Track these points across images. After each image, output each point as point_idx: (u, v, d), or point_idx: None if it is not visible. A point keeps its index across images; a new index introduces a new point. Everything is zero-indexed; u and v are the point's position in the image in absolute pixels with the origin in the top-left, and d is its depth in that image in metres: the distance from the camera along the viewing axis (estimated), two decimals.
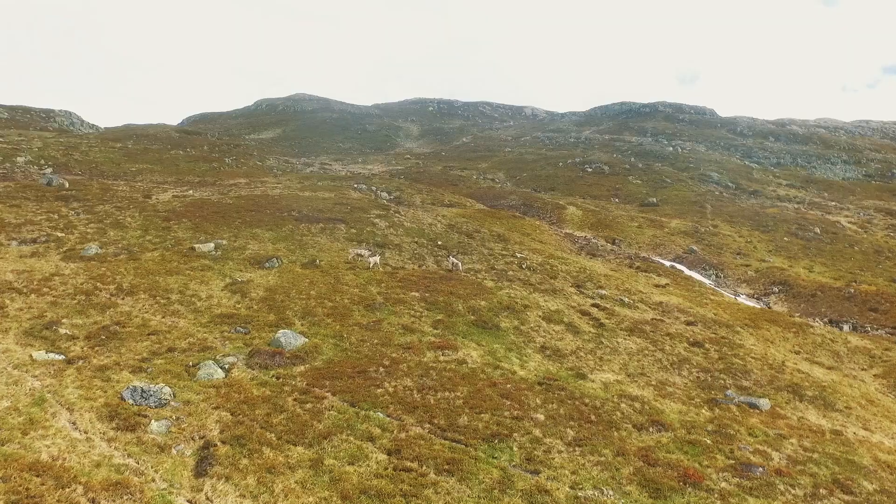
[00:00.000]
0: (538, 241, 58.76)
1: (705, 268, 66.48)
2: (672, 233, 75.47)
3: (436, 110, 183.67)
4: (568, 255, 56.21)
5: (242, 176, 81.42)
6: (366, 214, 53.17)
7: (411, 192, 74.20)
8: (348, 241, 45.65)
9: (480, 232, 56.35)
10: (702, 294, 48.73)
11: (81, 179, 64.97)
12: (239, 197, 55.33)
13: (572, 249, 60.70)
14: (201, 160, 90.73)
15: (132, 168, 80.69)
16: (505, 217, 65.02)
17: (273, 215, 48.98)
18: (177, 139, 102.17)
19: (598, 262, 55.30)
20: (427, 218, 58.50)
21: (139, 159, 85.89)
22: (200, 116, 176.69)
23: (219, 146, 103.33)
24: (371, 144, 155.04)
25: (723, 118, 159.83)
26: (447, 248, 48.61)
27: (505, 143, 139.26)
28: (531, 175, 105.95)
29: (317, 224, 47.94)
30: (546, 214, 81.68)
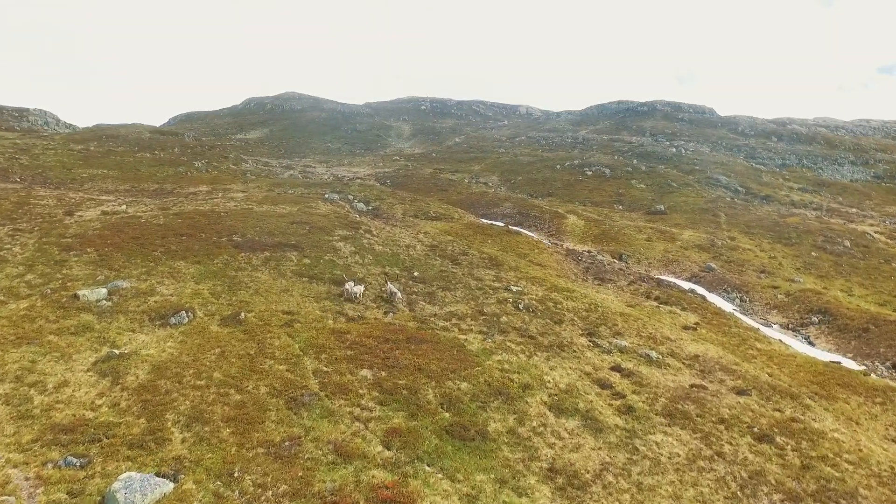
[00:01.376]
0: (537, 265, 47.56)
1: (727, 290, 55.33)
2: (685, 246, 64.28)
3: (428, 109, 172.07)
4: (573, 283, 44.98)
5: (207, 182, 69.99)
6: (328, 237, 41.87)
7: (392, 202, 62.86)
8: (297, 276, 34.35)
9: (468, 254, 45.11)
10: (741, 338, 37.50)
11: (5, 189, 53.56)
12: (179, 214, 44.00)
13: (577, 273, 49.48)
14: (167, 164, 79.27)
15: (84, 174, 69.29)
16: (498, 233, 53.75)
17: (209, 240, 37.69)
18: (147, 141, 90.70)
19: (608, 292, 44.07)
20: (405, 237, 47.23)
21: (96, 163, 74.49)
22: (187, 116, 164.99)
23: (192, 148, 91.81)
24: (361, 144, 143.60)
25: (723, 117, 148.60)
26: (425, 282, 37.38)
27: (499, 143, 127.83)
28: (527, 179, 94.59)
29: (261, 252, 36.65)
30: (544, 225, 70.43)
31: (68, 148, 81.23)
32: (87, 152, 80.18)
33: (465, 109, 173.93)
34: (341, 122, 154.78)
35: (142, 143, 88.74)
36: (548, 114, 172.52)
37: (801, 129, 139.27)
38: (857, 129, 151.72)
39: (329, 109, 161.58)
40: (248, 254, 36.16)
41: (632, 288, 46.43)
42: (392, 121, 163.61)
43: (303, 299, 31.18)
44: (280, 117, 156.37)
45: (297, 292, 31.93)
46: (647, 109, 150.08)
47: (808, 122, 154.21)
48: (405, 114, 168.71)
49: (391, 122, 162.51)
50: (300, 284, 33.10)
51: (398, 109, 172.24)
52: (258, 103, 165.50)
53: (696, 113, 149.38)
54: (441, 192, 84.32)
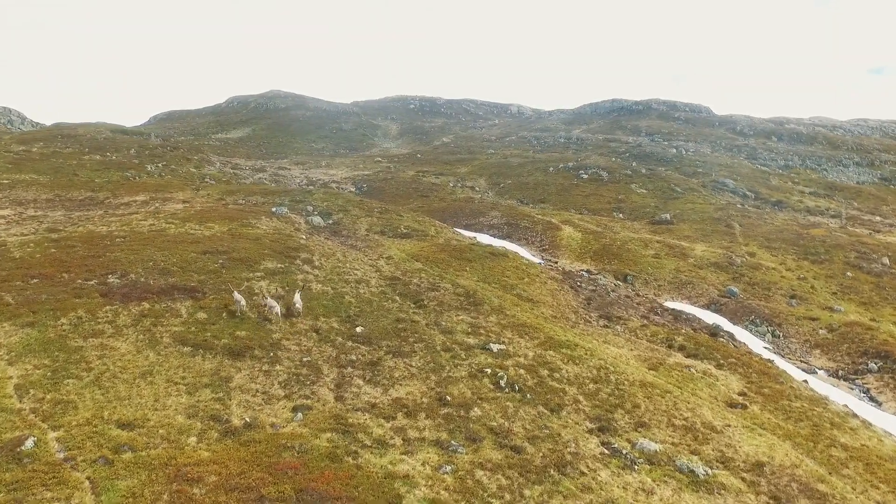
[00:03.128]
0: (527, 300, 35.76)
1: (755, 321, 43.73)
2: (699, 264, 52.60)
3: (417, 108, 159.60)
4: (573, 328, 33.16)
5: (151, 190, 57.98)
6: (248, 272, 30.06)
7: (358, 215, 50.92)
8: (178, 343, 22.54)
9: (439, 289, 33.33)
10: (813, 423, 25.54)
11: None
12: (60, 240, 32.11)
13: (577, 308, 37.66)
14: (115, 167, 67.32)
15: (6, 180, 57.32)
16: (479, 256, 41.84)
17: (71, 284, 25.86)
18: (101, 142, 78.61)
19: (619, 340, 32.22)
20: (360, 266, 35.42)
21: (28, 168, 62.56)
22: (167, 115, 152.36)
23: (153, 150, 79.72)
24: (346, 144, 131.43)
25: (720, 116, 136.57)
26: (370, 342, 25.58)
27: (488, 143, 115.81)
28: (517, 182, 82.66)
29: (139, 303, 24.84)
30: (536, 237, 58.67)
31: (7, 149, 69.22)
32: (25, 154, 68.28)
33: (454, 108, 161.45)
34: (326, 122, 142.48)
35: (95, 145, 76.71)
36: (539, 113, 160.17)
37: (802, 128, 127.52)
38: (856, 128, 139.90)
39: (314, 108, 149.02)
40: (117, 305, 24.35)
41: (648, 331, 34.57)
42: (379, 120, 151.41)
43: (168, 392, 19.39)
44: (263, 116, 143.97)
45: (165, 377, 20.15)
46: (641, 108, 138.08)
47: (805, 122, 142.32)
48: (393, 113, 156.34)
49: (378, 121, 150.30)
50: (176, 360, 21.31)
51: (386, 108, 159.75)
52: (241, 102, 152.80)
53: (693, 112, 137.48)
54: (421, 198, 72.48)
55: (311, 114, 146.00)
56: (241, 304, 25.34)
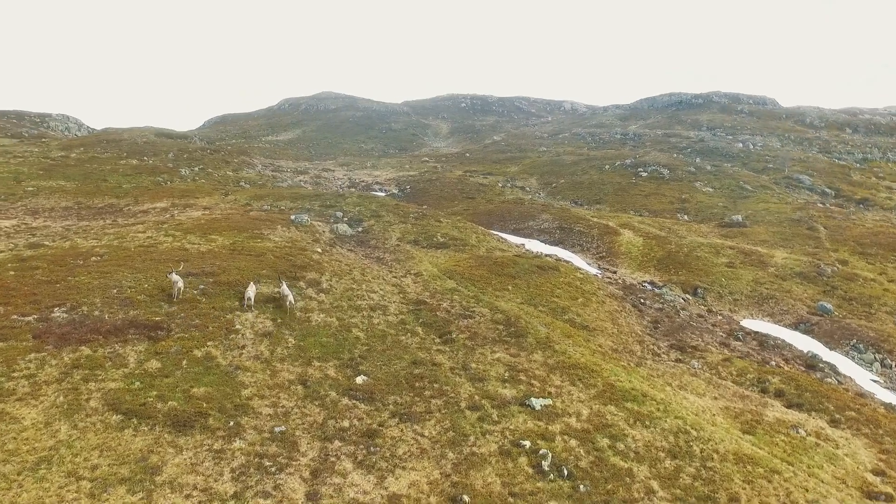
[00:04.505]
0: (581, 328, 28.58)
1: (857, 346, 35.40)
2: (781, 274, 44.28)
3: (468, 107, 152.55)
4: (638, 366, 25.87)
5: (177, 195, 52.87)
6: (238, 299, 23.83)
7: (391, 221, 44.43)
8: (109, 410, 16.25)
9: (472, 315, 26.51)
10: None
11: None
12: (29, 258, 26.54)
13: (642, 335, 30.25)
14: (148, 172, 62.72)
15: (31, 187, 53.06)
16: (525, 271, 34.68)
17: (4, 320, 20.07)
18: (141, 145, 74.41)
19: (699, 384, 24.81)
20: (380, 287, 28.85)
21: (58, 174, 58.35)
22: (221, 118, 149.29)
23: (192, 153, 75.25)
24: (395, 144, 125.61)
25: (786, 108, 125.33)
26: (373, 398, 18.92)
27: (540, 140, 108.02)
28: (570, 182, 74.96)
29: (82, 345, 18.74)
30: (591, 244, 51.14)
31: (45, 156, 65.46)
32: (61, 160, 64.25)
33: (506, 106, 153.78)
34: (376, 122, 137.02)
35: (134, 149, 72.48)
36: (594, 109, 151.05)
37: (879, 118, 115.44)
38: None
39: (364, 108, 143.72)
40: (47, 352, 18.35)
41: (732, 368, 26.88)
42: (430, 119, 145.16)
43: (61, 495, 13.18)
44: (314, 117, 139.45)
45: (68, 467, 13.95)
46: (702, 102, 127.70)
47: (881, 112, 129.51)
48: (444, 112, 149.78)
49: (429, 120, 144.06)
50: (95, 437, 15.11)
51: (437, 107, 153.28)
52: (293, 104, 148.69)
53: (757, 104, 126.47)
54: (467, 200, 65.67)
55: (361, 114, 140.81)
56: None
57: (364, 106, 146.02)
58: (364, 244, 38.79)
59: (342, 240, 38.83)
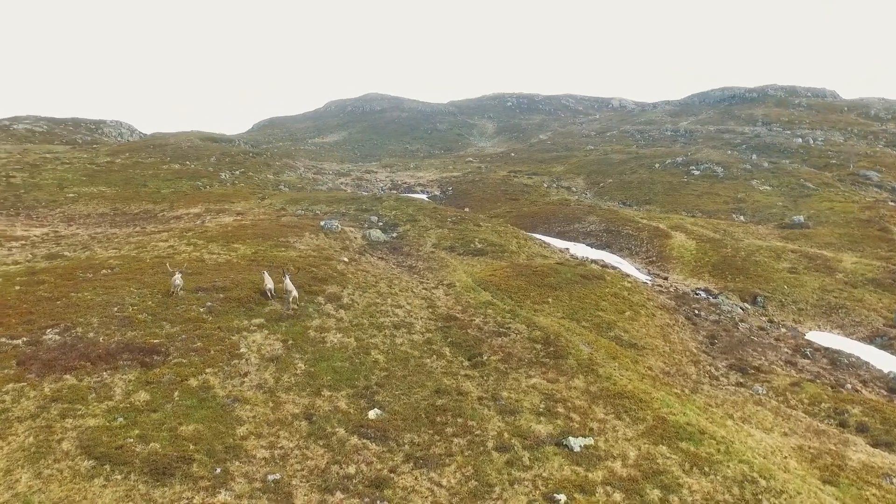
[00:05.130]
0: (629, 346, 25.47)
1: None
2: (851, 281, 40.09)
3: (514, 105, 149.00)
4: (693, 392, 22.66)
5: (213, 200, 51.54)
6: (248, 317, 21.44)
7: (427, 226, 41.92)
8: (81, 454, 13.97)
9: (507, 333, 23.72)
10: None
11: None
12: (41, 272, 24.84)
13: (696, 353, 26.95)
14: (188, 177, 61.75)
15: (72, 193, 52.52)
16: (567, 281, 31.61)
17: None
18: (185, 150, 73.69)
19: (766, 415, 21.44)
20: (408, 301, 26.29)
21: (101, 180, 57.75)
22: (269, 121, 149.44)
23: (233, 156, 74.24)
24: (440, 145, 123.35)
25: (848, 100, 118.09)
26: (384, 436, 16.34)
27: (587, 139, 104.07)
28: (618, 181, 71.22)
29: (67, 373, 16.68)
30: (640, 247, 47.68)
31: (91, 162, 65.07)
32: (106, 166, 63.78)
33: (553, 104, 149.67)
34: (421, 122, 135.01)
35: (178, 153, 71.79)
36: (643, 105, 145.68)
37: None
38: None
39: (409, 109, 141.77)
40: (28, 381, 16.35)
41: (803, 395, 23.39)
42: (475, 119, 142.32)
43: None
44: (359, 119, 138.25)
45: None
46: (756, 95, 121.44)
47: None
48: (490, 111, 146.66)
49: (474, 120, 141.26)
50: (58, 489, 12.89)
51: (483, 107, 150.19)
52: (339, 106, 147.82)
53: (816, 96, 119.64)
54: (510, 201, 62.70)
55: (406, 115, 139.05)
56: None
57: (409, 107, 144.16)
58: (397, 251, 36.34)
59: (374, 246, 36.47)
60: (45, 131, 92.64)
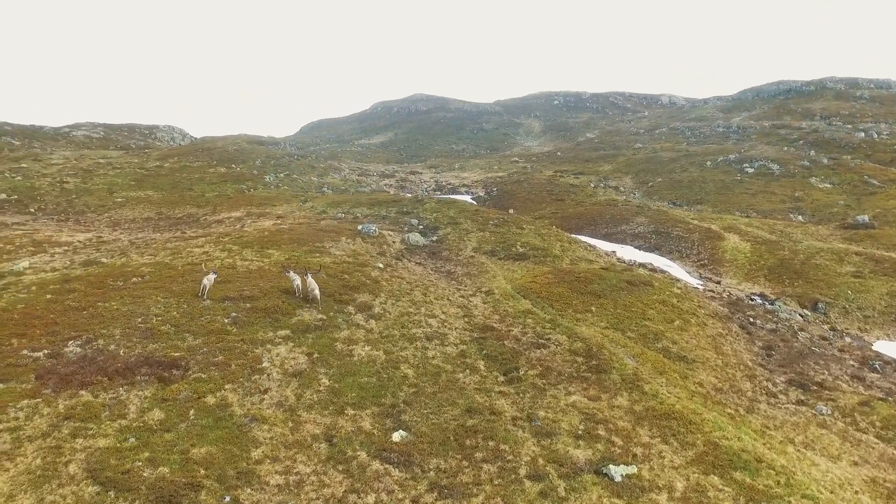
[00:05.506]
0: (678, 359, 23.64)
1: None
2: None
3: (561, 104, 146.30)
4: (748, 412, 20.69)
5: (255, 203, 51.34)
6: (273, 329, 20.46)
7: (468, 229, 40.62)
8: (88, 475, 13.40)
9: (547, 344, 22.22)
10: None
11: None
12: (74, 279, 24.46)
13: (751, 366, 24.89)
14: (233, 180, 61.89)
15: (120, 198, 53.03)
16: (612, 288, 29.80)
17: (13, 355, 17.45)
18: (231, 153, 74.16)
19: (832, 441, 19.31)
20: (443, 310, 25.03)
21: (149, 184, 58.33)
22: (317, 124, 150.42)
23: (277, 159, 74.41)
24: (486, 145, 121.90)
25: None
26: (409, 460, 15.06)
27: (635, 137, 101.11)
28: (668, 181, 68.59)
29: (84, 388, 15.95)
30: (691, 250, 45.40)
31: (141, 166, 65.83)
32: (155, 170, 64.50)
33: (601, 102, 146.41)
34: (467, 122, 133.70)
35: (225, 157, 72.26)
36: (693, 101, 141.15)
37: None
38: None
39: (455, 109, 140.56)
40: (44, 396, 15.72)
41: (874, 416, 21.17)
42: (522, 118, 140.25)
43: None
44: (405, 120, 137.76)
45: None
46: (814, 89, 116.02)
47: None
48: (536, 110, 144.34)
49: (521, 119, 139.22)
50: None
51: (529, 106, 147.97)
52: (384, 107, 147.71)
53: (879, 87, 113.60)
54: (555, 202, 60.88)
55: (452, 115, 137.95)
56: None
57: (455, 107, 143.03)
58: (435, 255, 35.13)
59: (412, 251, 35.35)
60: (101, 137, 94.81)
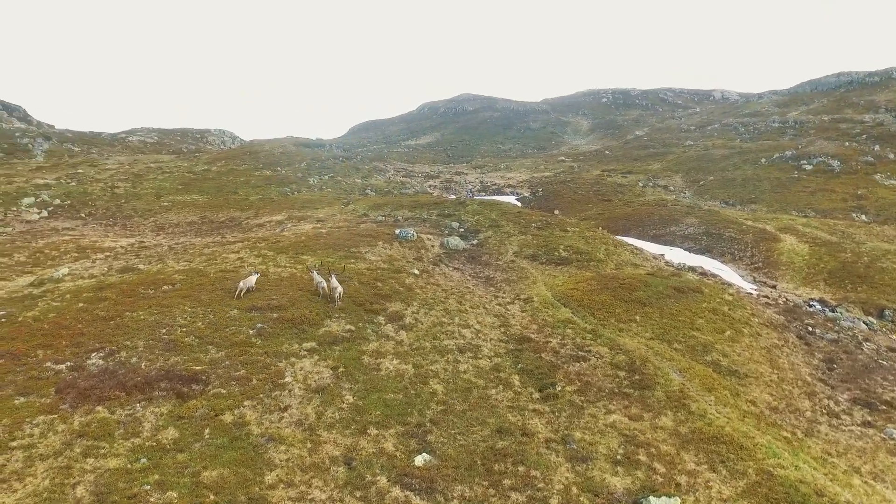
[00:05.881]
0: (728, 374, 21.91)
1: None
2: None
3: (610, 101, 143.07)
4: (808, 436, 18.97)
5: (297, 207, 51.21)
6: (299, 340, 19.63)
7: (509, 232, 39.32)
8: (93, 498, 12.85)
9: (587, 357, 20.87)
10: None
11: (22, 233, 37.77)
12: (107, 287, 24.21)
13: (810, 381, 22.93)
14: (277, 183, 62.06)
15: (167, 202, 53.61)
16: (659, 295, 28.10)
17: (37, 367, 17.05)
18: (277, 156, 74.51)
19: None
20: (478, 319, 23.90)
21: (195, 188, 58.87)
22: (365, 125, 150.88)
23: (322, 161, 74.41)
24: (533, 144, 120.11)
25: None
26: (435, 483, 14.13)
27: (686, 134, 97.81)
28: (720, 179, 65.78)
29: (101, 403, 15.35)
30: (744, 252, 43.13)
31: (190, 171, 66.47)
32: (203, 174, 65.11)
33: (650, 99, 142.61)
34: (514, 122, 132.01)
35: (270, 160, 72.55)
36: (747, 96, 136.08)
37: None
38: None
39: (502, 109, 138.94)
40: (61, 412, 15.21)
41: None
42: (569, 116, 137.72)
43: None
44: (451, 120, 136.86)
45: None
46: (878, 80, 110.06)
47: None
48: (584, 108, 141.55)
49: (568, 117, 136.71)
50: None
51: (577, 104, 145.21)
52: (431, 108, 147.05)
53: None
54: (602, 203, 59.00)
55: (499, 115, 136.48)
56: None
57: (502, 106, 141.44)
58: (475, 260, 33.98)
59: (451, 255, 34.29)
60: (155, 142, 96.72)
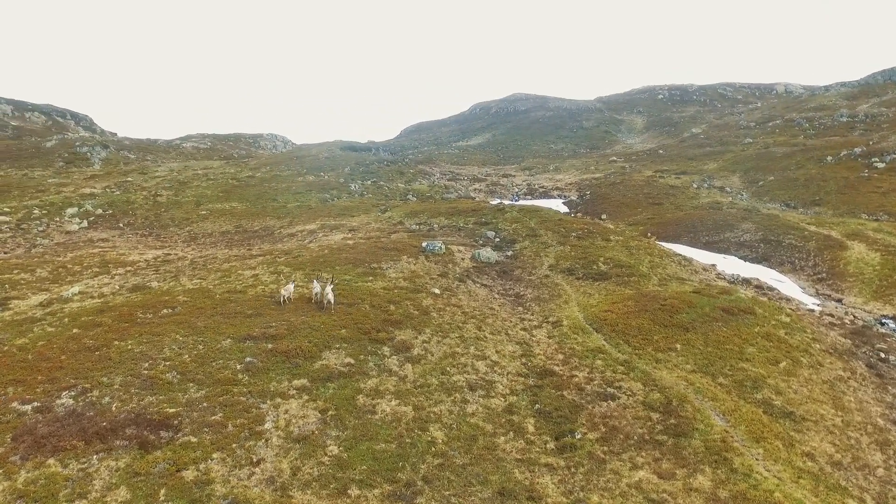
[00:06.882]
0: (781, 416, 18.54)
1: None
2: None
3: (666, 98, 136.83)
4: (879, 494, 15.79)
5: (333, 215, 49.59)
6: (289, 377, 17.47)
7: (547, 242, 36.38)
8: None
9: (616, 395, 18.03)
10: None
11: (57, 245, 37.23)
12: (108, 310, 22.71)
13: (881, 424, 19.39)
14: (318, 189, 60.71)
15: (205, 211, 52.87)
16: (704, 318, 24.71)
17: (2, 408, 15.90)
18: (322, 161, 73.34)
19: None
20: (497, 348, 21.30)
21: (235, 196, 57.99)
22: (417, 127, 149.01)
23: (367, 165, 72.80)
24: (586, 143, 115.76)
25: None
26: None
27: (745, 131, 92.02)
28: (781, 179, 60.87)
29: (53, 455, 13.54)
30: (806, 261, 39.01)
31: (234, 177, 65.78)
32: (245, 181, 64.25)
33: (708, 94, 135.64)
34: (566, 121, 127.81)
35: (315, 164, 71.44)
36: (812, 89, 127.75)
37: None
38: None
39: (554, 108, 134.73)
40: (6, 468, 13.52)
41: None
42: (624, 114, 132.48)
43: None
44: (503, 121, 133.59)
45: None
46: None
47: None
48: (639, 105, 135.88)
49: (622, 115, 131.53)
50: None
51: (632, 101, 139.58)
52: (483, 108, 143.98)
53: None
54: (652, 206, 55.25)
55: (551, 114, 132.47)
56: None
57: (554, 105, 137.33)
58: (506, 275, 31.33)
59: (481, 269, 31.72)
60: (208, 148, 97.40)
